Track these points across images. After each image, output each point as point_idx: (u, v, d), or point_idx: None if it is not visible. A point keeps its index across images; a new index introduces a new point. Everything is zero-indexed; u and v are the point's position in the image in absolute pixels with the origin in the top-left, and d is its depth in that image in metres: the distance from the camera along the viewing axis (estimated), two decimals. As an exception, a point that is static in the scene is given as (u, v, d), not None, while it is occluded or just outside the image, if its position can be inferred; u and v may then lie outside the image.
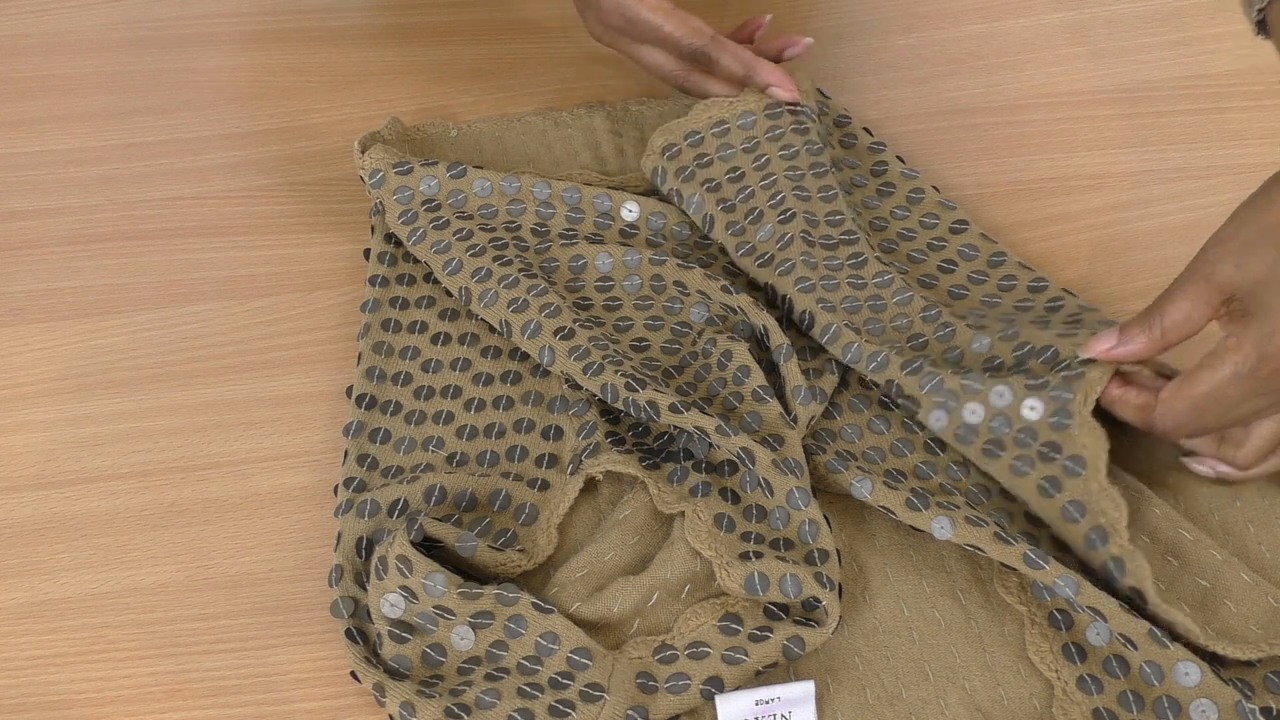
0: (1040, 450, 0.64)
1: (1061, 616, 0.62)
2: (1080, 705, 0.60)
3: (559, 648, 0.61)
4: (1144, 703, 0.59)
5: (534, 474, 0.69)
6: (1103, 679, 0.61)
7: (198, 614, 0.65)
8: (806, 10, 0.96)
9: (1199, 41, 0.92)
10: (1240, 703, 0.58)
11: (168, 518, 0.69)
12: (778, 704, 0.60)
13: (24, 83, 0.92)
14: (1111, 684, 0.60)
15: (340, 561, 0.64)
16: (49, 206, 0.83)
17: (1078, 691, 0.61)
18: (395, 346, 0.74)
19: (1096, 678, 0.61)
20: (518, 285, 0.73)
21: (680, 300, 0.75)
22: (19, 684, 0.63)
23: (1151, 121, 0.87)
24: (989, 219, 0.81)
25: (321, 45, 0.94)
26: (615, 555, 0.64)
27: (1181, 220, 0.81)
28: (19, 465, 0.71)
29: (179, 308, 0.78)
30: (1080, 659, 0.61)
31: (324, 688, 0.62)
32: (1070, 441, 0.63)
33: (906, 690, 0.61)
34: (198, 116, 0.89)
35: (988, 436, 0.65)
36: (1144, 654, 0.59)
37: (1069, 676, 0.61)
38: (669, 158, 0.79)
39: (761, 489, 0.65)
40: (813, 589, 0.61)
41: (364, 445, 0.70)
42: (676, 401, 0.66)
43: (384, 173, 0.79)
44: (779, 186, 0.76)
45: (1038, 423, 0.64)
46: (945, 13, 0.95)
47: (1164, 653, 0.59)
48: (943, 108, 0.88)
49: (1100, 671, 0.61)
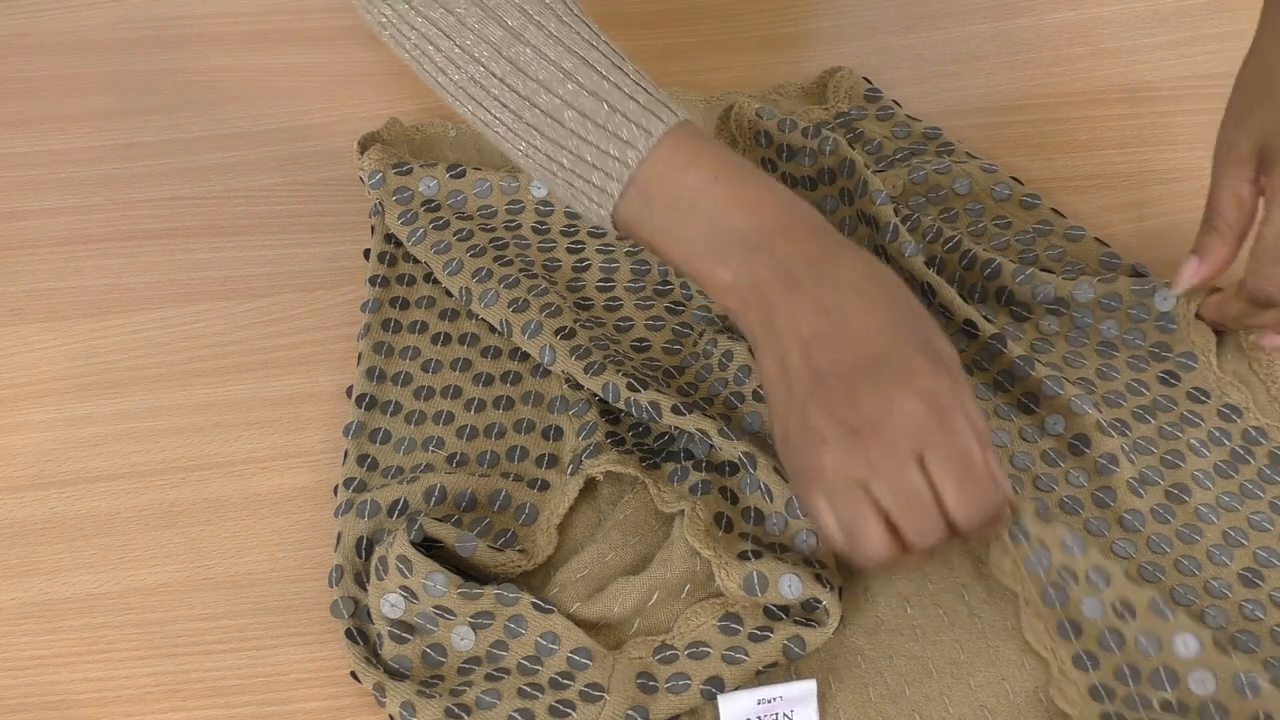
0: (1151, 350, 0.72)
1: (1055, 592, 0.61)
2: (1077, 683, 0.60)
3: (559, 648, 0.61)
4: (1140, 675, 0.59)
5: (534, 474, 0.68)
6: (1098, 654, 0.60)
7: (198, 614, 0.65)
8: (807, 10, 0.96)
9: (1199, 41, 0.92)
10: (1238, 674, 0.57)
11: (168, 518, 0.69)
12: (779, 703, 0.60)
13: (24, 83, 0.91)
14: (1107, 658, 0.60)
15: (340, 562, 0.64)
16: (49, 206, 0.83)
17: (1074, 669, 0.60)
18: (395, 346, 0.74)
19: (1092, 653, 0.60)
20: (518, 285, 0.73)
21: (683, 304, 0.75)
22: (19, 684, 0.63)
23: (1151, 121, 0.87)
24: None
25: (321, 45, 0.94)
26: (615, 555, 0.64)
27: (1181, 220, 0.81)
28: (19, 465, 0.71)
29: (179, 308, 0.78)
30: (1075, 635, 0.61)
31: (324, 688, 0.62)
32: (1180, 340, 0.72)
33: (909, 688, 0.61)
34: (198, 116, 0.89)
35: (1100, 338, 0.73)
36: (1141, 624, 0.59)
37: (1064, 654, 0.61)
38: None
39: (761, 493, 0.65)
40: (812, 589, 0.61)
41: (364, 445, 0.70)
42: (679, 403, 0.66)
43: (383, 173, 0.79)
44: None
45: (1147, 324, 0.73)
46: (945, 13, 0.95)
47: (1163, 624, 0.59)
48: (943, 108, 0.88)
49: (1095, 646, 0.60)
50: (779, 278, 0.59)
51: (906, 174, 0.81)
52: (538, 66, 0.61)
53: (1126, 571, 0.62)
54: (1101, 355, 0.72)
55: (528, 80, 0.61)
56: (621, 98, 0.61)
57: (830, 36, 0.94)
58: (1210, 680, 0.58)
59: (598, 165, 0.61)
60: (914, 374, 0.58)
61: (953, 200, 0.80)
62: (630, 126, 0.61)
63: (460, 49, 0.62)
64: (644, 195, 0.61)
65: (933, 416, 0.57)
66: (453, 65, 0.63)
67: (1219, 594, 0.64)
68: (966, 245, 0.76)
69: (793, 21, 0.95)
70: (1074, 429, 0.68)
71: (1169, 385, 0.70)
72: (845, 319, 0.59)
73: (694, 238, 0.61)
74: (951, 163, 0.81)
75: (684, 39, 0.95)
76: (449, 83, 0.64)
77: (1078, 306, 0.73)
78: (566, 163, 0.62)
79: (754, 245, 0.60)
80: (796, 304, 0.59)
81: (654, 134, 0.61)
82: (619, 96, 0.61)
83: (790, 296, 0.59)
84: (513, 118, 0.62)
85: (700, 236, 0.61)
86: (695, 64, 0.92)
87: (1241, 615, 0.63)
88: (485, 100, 0.63)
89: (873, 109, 0.86)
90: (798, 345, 0.59)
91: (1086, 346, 0.72)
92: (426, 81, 0.66)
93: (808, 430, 0.58)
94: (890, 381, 0.57)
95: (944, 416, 0.57)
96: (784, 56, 0.93)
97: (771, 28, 0.95)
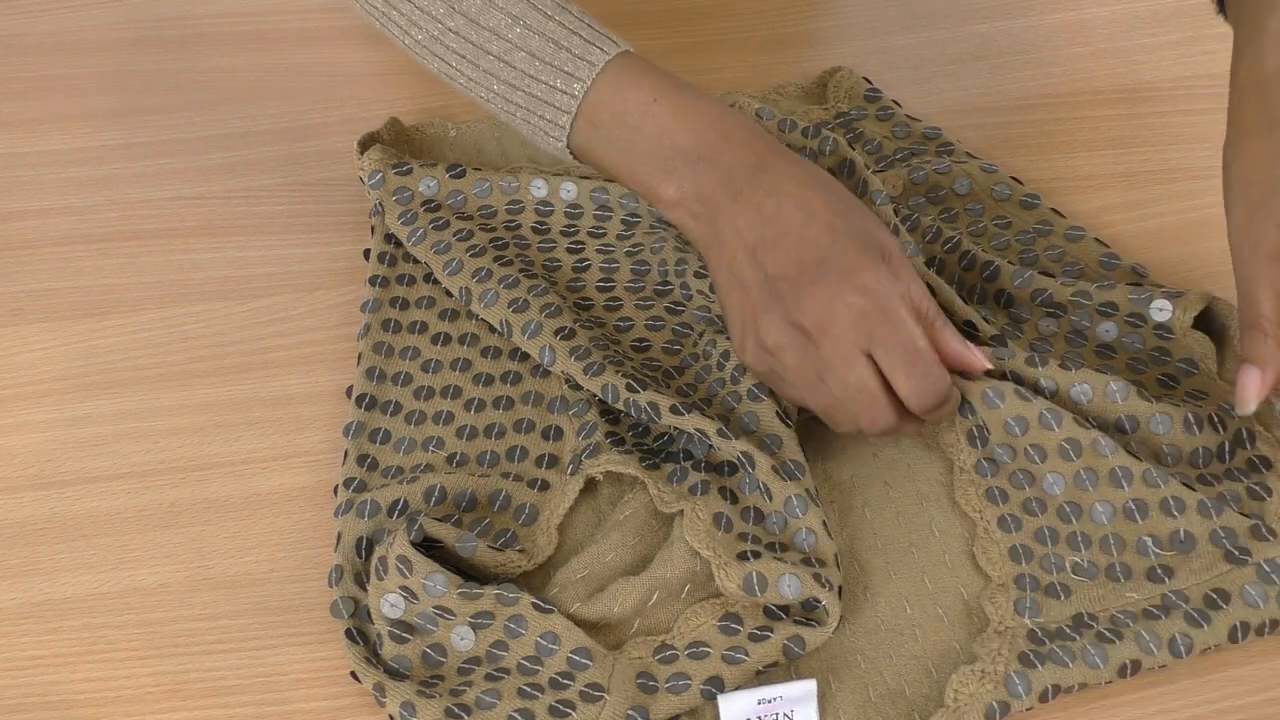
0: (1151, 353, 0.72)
1: (989, 465, 0.66)
2: (999, 543, 0.64)
3: (559, 648, 0.61)
4: (1059, 537, 0.64)
5: (534, 474, 0.68)
6: (1022, 518, 0.65)
7: (198, 614, 0.65)
8: (807, 10, 0.96)
9: (1199, 41, 0.92)
10: (1142, 537, 0.63)
11: (168, 518, 0.69)
12: (780, 703, 0.60)
13: (24, 83, 0.92)
14: (1030, 522, 0.65)
15: (340, 562, 0.64)
16: (49, 206, 0.83)
17: (998, 530, 0.65)
18: (395, 347, 0.74)
19: (1016, 517, 0.65)
20: (518, 285, 0.73)
21: (683, 304, 0.75)
22: (19, 684, 0.62)
23: (1151, 121, 0.87)
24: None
25: (321, 45, 0.94)
26: (615, 556, 0.64)
27: (1181, 220, 0.81)
28: (19, 465, 0.71)
29: (179, 308, 0.78)
30: (1003, 500, 0.66)
31: (324, 688, 0.62)
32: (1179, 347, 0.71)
33: (910, 687, 0.61)
34: (198, 116, 0.89)
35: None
36: (1066, 495, 0.65)
37: (991, 517, 0.65)
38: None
39: (760, 492, 0.65)
40: (812, 589, 0.61)
41: (364, 445, 0.70)
42: (678, 403, 0.66)
43: (383, 173, 0.79)
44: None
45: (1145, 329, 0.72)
46: (945, 13, 0.95)
47: (1085, 495, 0.65)
48: (943, 108, 0.88)
49: (1020, 511, 0.65)
50: (722, 187, 0.64)
51: (906, 174, 0.81)
52: (488, 16, 0.66)
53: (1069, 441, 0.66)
54: (1100, 357, 0.72)
55: (480, 29, 0.66)
56: (566, 34, 0.66)
57: (830, 36, 0.94)
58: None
59: (548, 101, 0.66)
60: (854, 271, 0.62)
61: (953, 200, 0.80)
62: (575, 61, 0.66)
63: (419, 8, 0.68)
64: (591, 123, 0.67)
65: (874, 310, 0.62)
66: (415, 26, 0.68)
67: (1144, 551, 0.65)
68: (966, 246, 0.76)
69: (793, 21, 0.95)
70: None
71: (1168, 388, 0.70)
72: (785, 224, 0.63)
73: (639, 157, 0.66)
74: (951, 163, 0.81)
75: (684, 39, 0.95)
76: (414, 43, 0.69)
77: (1076, 310, 0.73)
78: (522, 102, 0.67)
79: (696, 158, 0.65)
80: (739, 211, 0.64)
81: (596, 65, 0.66)
82: (564, 34, 0.66)
83: (732, 204, 0.64)
84: (471, 67, 0.68)
85: (645, 155, 0.66)
86: (695, 64, 0.92)
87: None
88: (445, 55, 0.68)
89: (873, 109, 0.86)
90: (743, 252, 0.64)
91: (1085, 348, 0.72)
92: (395, 43, 0.71)
93: (760, 338, 0.64)
94: (832, 282, 0.62)
95: (885, 308, 0.62)
96: (784, 56, 0.93)
97: (771, 28, 0.95)
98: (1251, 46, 0.64)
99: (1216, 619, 0.61)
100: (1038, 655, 0.60)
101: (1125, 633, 0.60)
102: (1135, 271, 0.76)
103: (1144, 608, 0.62)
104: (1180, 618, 0.61)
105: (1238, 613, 0.61)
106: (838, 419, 0.65)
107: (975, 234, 0.79)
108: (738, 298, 0.65)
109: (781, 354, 0.64)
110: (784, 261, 0.63)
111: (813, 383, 0.64)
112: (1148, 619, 0.61)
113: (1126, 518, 0.64)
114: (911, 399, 0.63)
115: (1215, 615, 0.61)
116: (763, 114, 0.79)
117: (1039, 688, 0.59)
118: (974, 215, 0.80)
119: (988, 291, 0.75)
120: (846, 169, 0.77)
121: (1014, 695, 0.59)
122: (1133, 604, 0.62)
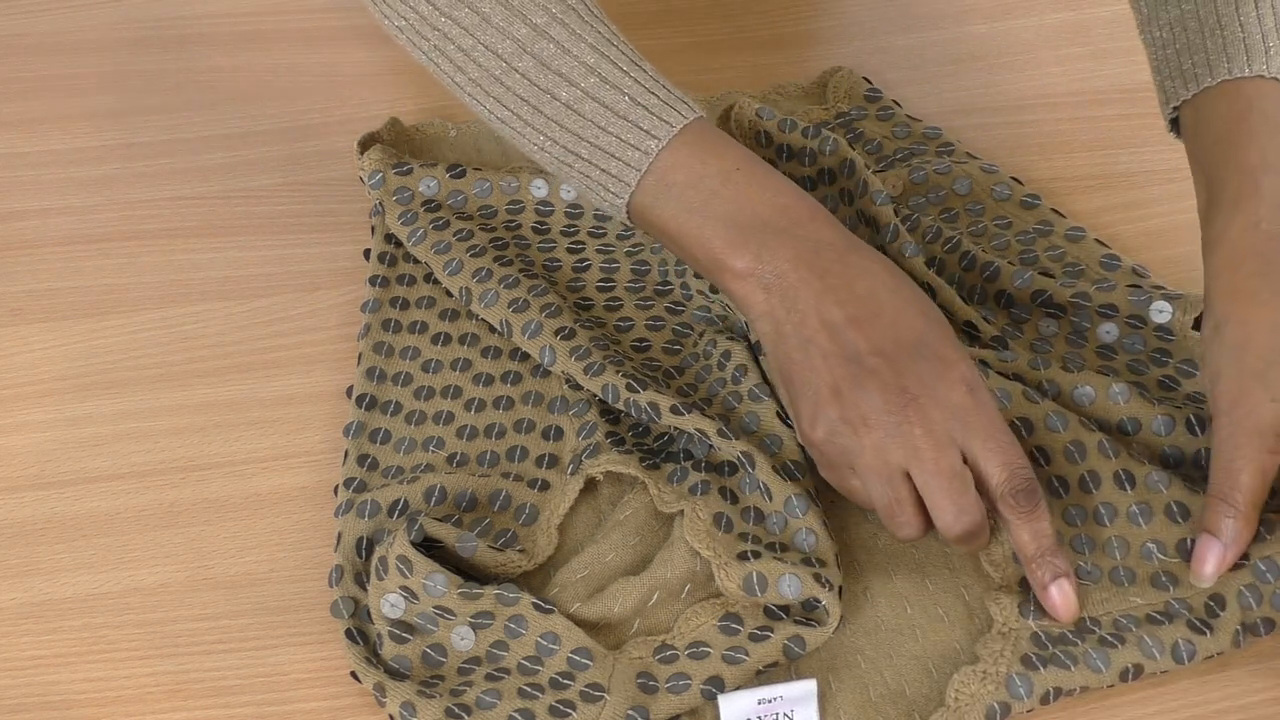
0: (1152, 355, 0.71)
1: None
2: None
3: (559, 648, 0.61)
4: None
5: (534, 474, 0.68)
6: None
7: (198, 614, 0.65)
8: (807, 10, 0.96)
9: (1199, 42, 0.92)
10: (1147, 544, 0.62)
11: (168, 518, 0.69)
12: (780, 703, 0.60)
13: (24, 83, 0.92)
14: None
15: (340, 562, 0.64)
16: (49, 206, 0.83)
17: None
18: (395, 347, 0.74)
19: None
20: (518, 285, 0.73)
21: (683, 304, 0.75)
22: (19, 684, 0.62)
23: (1151, 121, 0.87)
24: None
25: (321, 45, 0.94)
26: (616, 556, 0.64)
27: (1181, 220, 0.81)
28: (19, 465, 0.71)
29: (179, 308, 0.78)
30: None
31: (324, 688, 0.62)
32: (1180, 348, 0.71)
33: (910, 687, 0.61)
34: (198, 116, 0.89)
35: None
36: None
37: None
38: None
39: (760, 492, 0.65)
40: (812, 589, 0.61)
41: (364, 445, 0.70)
42: (678, 403, 0.66)
43: (383, 173, 0.79)
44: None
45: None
46: (945, 13, 0.95)
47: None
48: (943, 108, 0.88)
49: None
50: (806, 263, 0.62)
51: (906, 174, 0.81)
52: (560, 61, 0.64)
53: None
54: (1101, 358, 0.72)
55: (550, 74, 0.64)
56: (642, 92, 0.64)
57: (830, 36, 0.94)
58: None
59: (616, 155, 0.64)
60: (953, 362, 0.61)
61: (953, 200, 0.80)
62: (651, 118, 0.63)
63: (483, 45, 0.64)
64: (663, 183, 0.64)
65: (974, 402, 0.60)
66: (472, 63, 0.65)
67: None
68: (966, 246, 0.76)
69: (793, 21, 0.95)
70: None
71: (1169, 390, 0.70)
72: (879, 305, 0.62)
73: (713, 220, 0.63)
74: (951, 163, 0.81)
75: (684, 39, 0.95)
76: (466, 80, 0.66)
77: (1076, 311, 0.73)
78: (584, 153, 0.64)
79: (779, 229, 0.63)
80: (827, 288, 0.62)
81: (674, 125, 0.63)
82: (639, 90, 0.64)
83: (818, 281, 0.62)
84: (532, 111, 0.65)
85: (721, 219, 0.63)
86: (695, 64, 0.92)
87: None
88: (503, 95, 0.65)
89: (873, 109, 0.87)
90: (826, 330, 0.61)
91: (1085, 348, 0.72)
92: (442, 80, 0.67)
93: (844, 414, 0.61)
94: (933, 366, 0.60)
95: (982, 402, 0.60)
96: (784, 56, 0.93)
97: (771, 28, 0.95)
98: (1244, 207, 0.64)
99: (1219, 625, 0.61)
100: (1040, 658, 0.60)
101: (1128, 637, 0.60)
102: (1135, 272, 0.76)
103: (1147, 612, 0.61)
104: (1183, 624, 0.61)
105: (1238, 616, 0.61)
106: (899, 521, 0.61)
107: (975, 234, 0.79)
108: (816, 373, 0.61)
109: (866, 429, 0.60)
110: (881, 339, 0.61)
111: (888, 470, 0.60)
112: (1151, 624, 0.61)
113: (1130, 522, 0.64)
114: (1007, 492, 0.60)
115: (1217, 622, 0.61)
116: (763, 114, 0.79)
117: (1040, 690, 0.59)
118: (974, 215, 0.80)
119: (988, 292, 0.74)
120: (846, 169, 0.77)
121: (1015, 697, 0.59)
122: (1136, 608, 0.62)
